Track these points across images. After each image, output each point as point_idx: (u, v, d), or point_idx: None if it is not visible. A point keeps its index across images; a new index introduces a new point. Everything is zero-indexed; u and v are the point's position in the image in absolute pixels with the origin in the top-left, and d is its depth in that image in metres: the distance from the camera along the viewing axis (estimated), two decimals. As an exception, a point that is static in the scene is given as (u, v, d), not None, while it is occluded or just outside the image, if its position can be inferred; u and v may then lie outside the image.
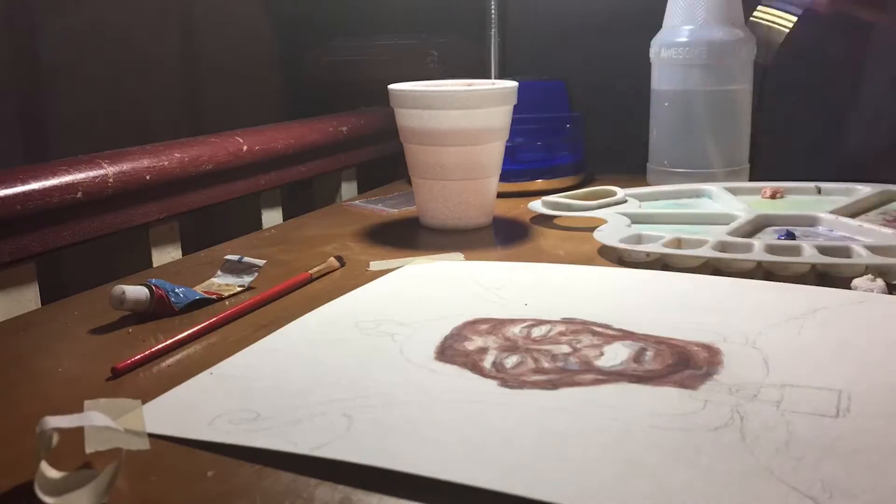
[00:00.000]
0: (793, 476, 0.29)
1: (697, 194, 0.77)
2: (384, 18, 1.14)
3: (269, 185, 0.83)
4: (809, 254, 0.55)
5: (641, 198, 0.75)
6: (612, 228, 0.64)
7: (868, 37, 0.90)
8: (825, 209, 0.67)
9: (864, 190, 0.73)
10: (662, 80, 0.83)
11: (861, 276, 0.53)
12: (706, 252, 0.57)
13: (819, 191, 0.76)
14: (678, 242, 0.60)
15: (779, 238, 0.62)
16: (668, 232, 0.61)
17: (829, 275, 0.55)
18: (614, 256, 0.61)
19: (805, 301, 0.48)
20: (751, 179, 0.83)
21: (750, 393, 0.36)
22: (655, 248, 0.58)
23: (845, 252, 0.56)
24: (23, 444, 0.34)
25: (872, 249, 0.55)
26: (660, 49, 0.82)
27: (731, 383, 0.37)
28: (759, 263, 0.56)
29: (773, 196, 0.75)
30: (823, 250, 0.56)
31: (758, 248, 0.57)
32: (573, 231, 0.69)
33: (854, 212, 0.69)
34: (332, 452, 0.32)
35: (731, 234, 0.61)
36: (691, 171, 0.82)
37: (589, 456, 0.31)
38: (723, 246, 0.58)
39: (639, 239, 0.62)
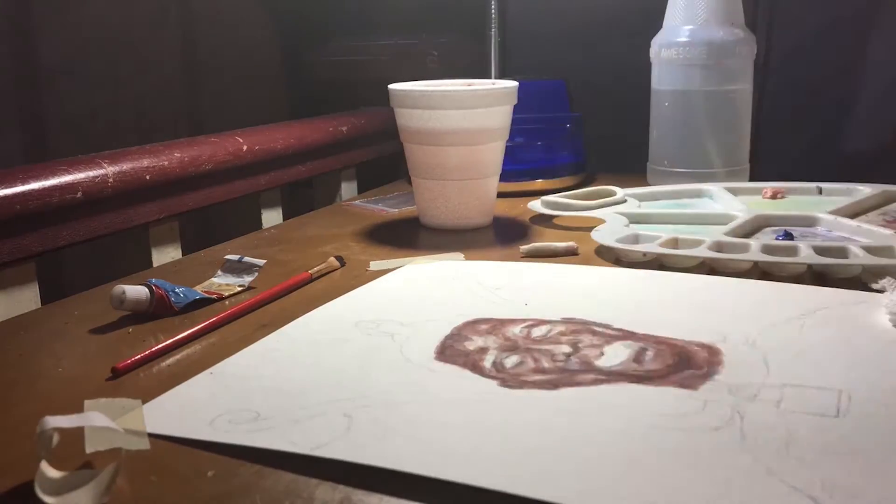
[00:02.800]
0: (793, 476, 0.29)
1: (698, 194, 0.77)
2: (384, 18, 1.14)
3: (269, 185, 0.83)
4: (806, 254, 0.55)
5: (641, 198, 0.75)
6: (610, 228, 0.64)
7: (868, 37, 0.90)
8: (826, 209, 0.67)
9: (864, 190, 0.73)
10: (663, 80, 0.83)
11: (856, 276, 0.53)
12: (702, 252, 0.57)
13: (820, 191, 0.76)
14: (675, 242, 0.60)
15: (777, 238, 0.62)
16: (666, 232, 0.61)
17: (826, 275, 0.54)
18: (611, 256, 0.61)
19: (805, 301, 0.48)
20: (751, 179, 0.83)
21: (750, 393, 0.36)
22: (651, 248, 0.58)
23: (842, 252, 0.56)
24: (23, 444, 0.34)
25: (869, 250, 0.55)
26: (660, 49, 0.82)
27: (732, 383, 0.37)
28: (756, 264, 0.56)
29: (773, 196, 0.74)
30: (820, 251, 0.55)
31: (754, 249, 0.57)
32: (573, 231, 0.69)
33: (854, 212, 0.69)
34: (332, 452, 0.32)
35: (729, 234, 0.61)
36: (691, 171, 0.82)
37: (589, 456, 0.31)
38: (719, 246, 0.58)
39: (636, 239, 0.62)
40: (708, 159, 0.82)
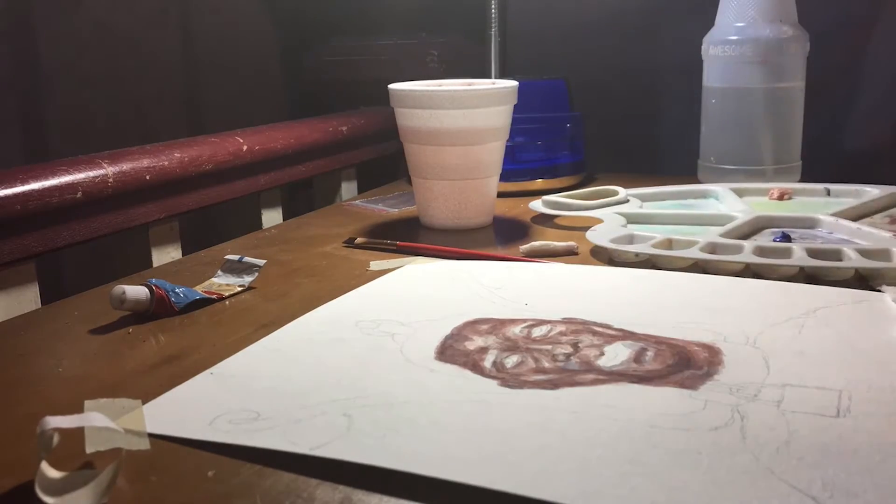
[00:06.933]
0: (793, 476, 0.29)
1: (704, 195, 0.76)
2: (384, 18, 1.14)
3: (269, 185, 0.83)
4: (798, 256, 0.55)
5: (645, 198, 0.75)
6: (607, 228, 0.64)
7: (868, 37, 0.90)
8: (831, 211, 0.67)
9: (873, 192, 0.72)
10: (711, 76, 0.82)
11: (848, 279, 0.53)
12: (694, 254, 0.56)
13: (828, 192, 0.75)
14: (669, 243, 0.60)
15: (774, 240, 0.62)
16: (663, 232, 0.61)
17: (818, 277, 0.54)
18: (605, 257, 0.61)
19: (805, 300, 0.48)
20: (803, 177, 0.82)
21: (750, 393, 0.36)
22: (644, 248, 0.58)
23: (836, 255, 0.55)
24: (23, 444, 0.34)
25: (863, 253, 0.54)
26: (709, 46, 0.82)
27: (732, 383, 0.37)
28: (748, 265, 0.56)
29: (780, 197, 0.74)
30: (813, 253, 0.55)
31: (746, 250, 0.56)
32: (574, 231, 0.69)
33: (860, 214, 0.68)
34: (332, 452, 0.32)
35: (726, 235, 0.61)
36: (739, 168, 0.81)
37: (589, 456, 0.31)
38: (712, 247, 0.58)
39: (630, 239, 0.61)
40: (756, 156, 0.81)
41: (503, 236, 0.70)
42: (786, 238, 0.62)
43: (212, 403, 0.37)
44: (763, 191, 0.76)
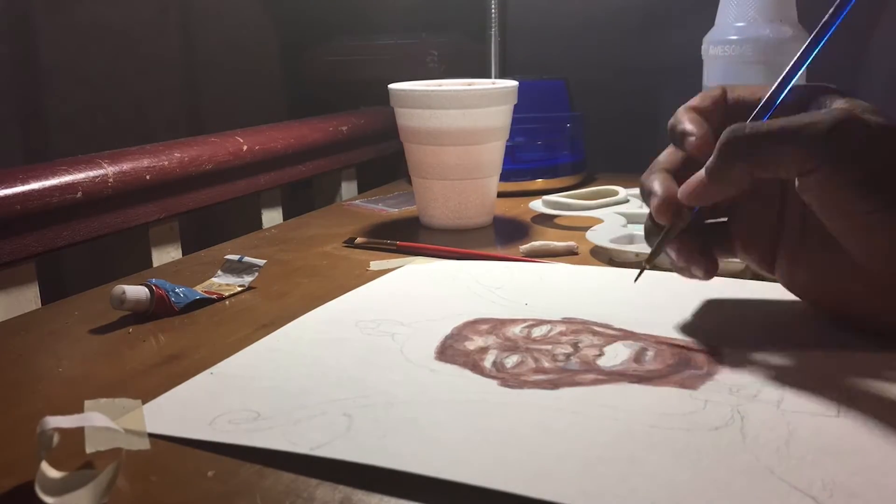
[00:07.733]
0: (793, 475, 0.29)
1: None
2: (384, 18, 1.14)
3: (269, 184, 0.83)
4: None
5: (644, 198, 0.75)
6: (606, 228, 0.64)
7: (868, 37, 0.90)
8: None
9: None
10: (711, 77, 0.82)
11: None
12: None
13: None
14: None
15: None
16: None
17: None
18: (605, 257, 0.61)
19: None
20: None
21: (750, 393, 0.36)
22: (644, 248, 0.58)
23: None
24: (23, 444, 0.34)
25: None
26: (709, 46, 0.82)
27: (732, 383, 0.37)
28: (748, 266, 0.55)
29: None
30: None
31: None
32: (574, 231, 0.69)
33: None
34: (332, 452, 0.32)
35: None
36: None
37: (589, 455, 0.31)
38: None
39: (630, 239, 0.61)
40: None
41: (503, 236, 0.70)
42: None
43: (212, 403, 0.37)
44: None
